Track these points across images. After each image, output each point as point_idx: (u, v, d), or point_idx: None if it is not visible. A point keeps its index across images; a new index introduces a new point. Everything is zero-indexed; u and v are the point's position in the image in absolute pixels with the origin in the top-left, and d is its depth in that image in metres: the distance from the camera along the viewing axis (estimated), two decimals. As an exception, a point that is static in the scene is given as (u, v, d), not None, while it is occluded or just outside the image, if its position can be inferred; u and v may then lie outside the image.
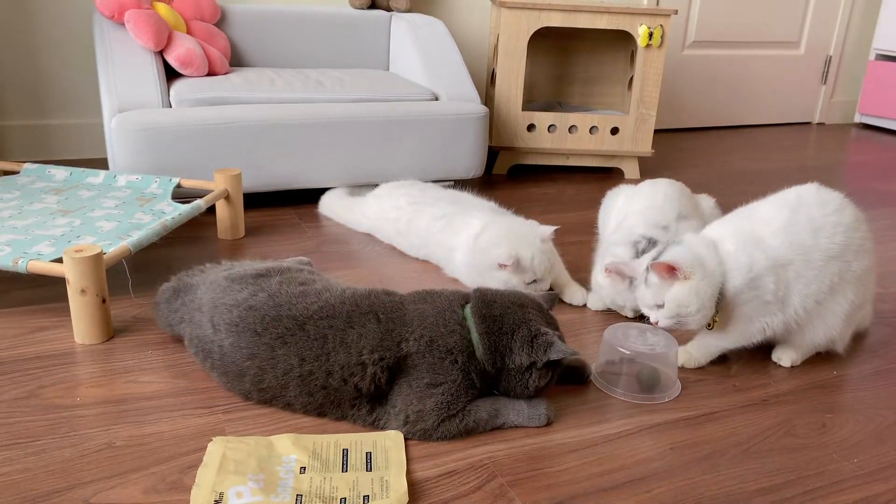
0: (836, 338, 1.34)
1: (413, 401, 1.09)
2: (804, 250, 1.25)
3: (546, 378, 1.13)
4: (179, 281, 1.34)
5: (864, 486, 1.05)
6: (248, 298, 1.17)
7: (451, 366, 1.10)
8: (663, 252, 1.29)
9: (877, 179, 2.81)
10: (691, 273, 1.23)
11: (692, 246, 1.28)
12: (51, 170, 1.90)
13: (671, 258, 1.25)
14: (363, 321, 1.12)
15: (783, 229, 1.27)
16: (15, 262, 1.34)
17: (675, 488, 1.03)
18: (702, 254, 1.26)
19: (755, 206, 1.35)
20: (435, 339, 1.10)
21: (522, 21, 2.43)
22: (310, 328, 1.12)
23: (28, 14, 2.40)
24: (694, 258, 1.25)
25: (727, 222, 1.35)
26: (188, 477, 1.00)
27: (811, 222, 1.27)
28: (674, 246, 1.29)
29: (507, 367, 1.11)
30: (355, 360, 1.09)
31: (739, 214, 1.35)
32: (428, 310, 1.13)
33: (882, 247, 2.06)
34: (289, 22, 2.52)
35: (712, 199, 1.77)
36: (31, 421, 1.10)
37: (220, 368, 1.17)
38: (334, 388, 1.10)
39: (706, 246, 1.28)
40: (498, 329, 1.11)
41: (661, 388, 1.25)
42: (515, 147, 2.57)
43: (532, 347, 1.11)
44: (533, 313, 1.14)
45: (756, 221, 1.30)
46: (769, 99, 3.76)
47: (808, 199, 1.29)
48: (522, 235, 1.52)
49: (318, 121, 2.04)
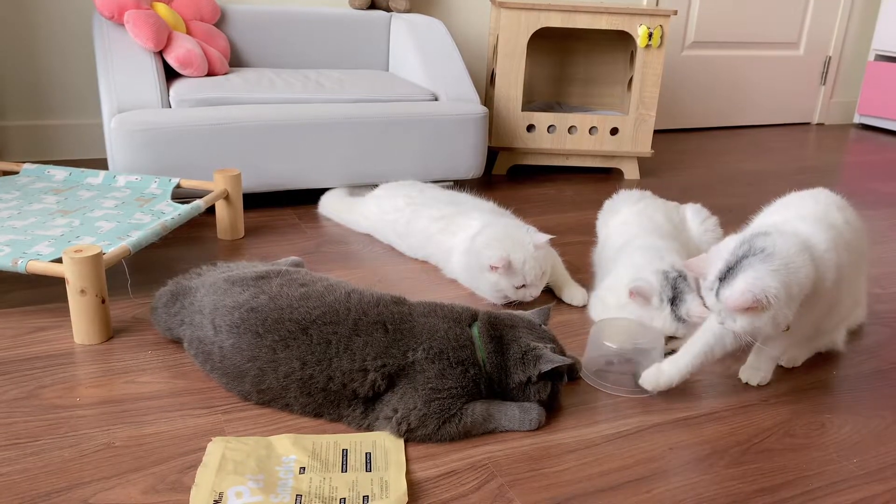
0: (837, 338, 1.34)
1: (418, 404, 1.08)
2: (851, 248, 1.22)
3: (546, 390, 1.14)
4: (177, 285, 1.34)
5: (863, 487, 1.05)
6: (249, 300, 1.18)
7: (462, 374, 1.11)
8: (739, 266, 1.08)
9: (876, 180, 2.81)
10: (770, 304, 1.05)
11: (783, 261, 1.06)
12: (50, 170, 1.90)
13: (751, 289, 1.05)
14: (371, 330, 1.13)
15: (842, 226, 1.20)
16: (14, 262, 1.34)
17: (675, 488, 1.03)
18: (792, 270, 1.06)
19: (795, 200, 1.27)
20: (445, 351, 1.12)
21: (522, 21, 2.43)
22: (313, 332, 1.12)
23: (28, 14, 2.40)
24: (780, 284, 1.05)
25: (809, 217, 1.18)
26: (187, 477, 1.00)
27: (847, 222, 1.24)
28: (758, 261, 1.06)
29: (510, 386, 1.14)
30: (358, 366, 1.10)
31: (800, 205, 1.23)
32: (438, 324, 1.15)
33: (882, 247, 2.06)
34: (288, 22, 2.52)
35: (697, 204, 1.76)
36: (30, 421, 1.10)
37: (221, 370, 1.17)
38: (333, 392, 1.10)
39: (799, 251, 1.08)
40: (500, 349, 1.14)
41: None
42: (515, 147, 2.57)
43: (524, 363, 1.13)
44: (523, 331, 1.16)
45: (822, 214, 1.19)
46: (768, 99, 3.76)
47: (829, 200, 1.27)
48: (516, 239, 1.52)
49: (317, 121, 2.04)
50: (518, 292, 1.52)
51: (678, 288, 1.36)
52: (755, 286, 1.05)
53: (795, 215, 1.20)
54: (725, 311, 1.10)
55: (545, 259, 1.53)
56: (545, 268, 1.53)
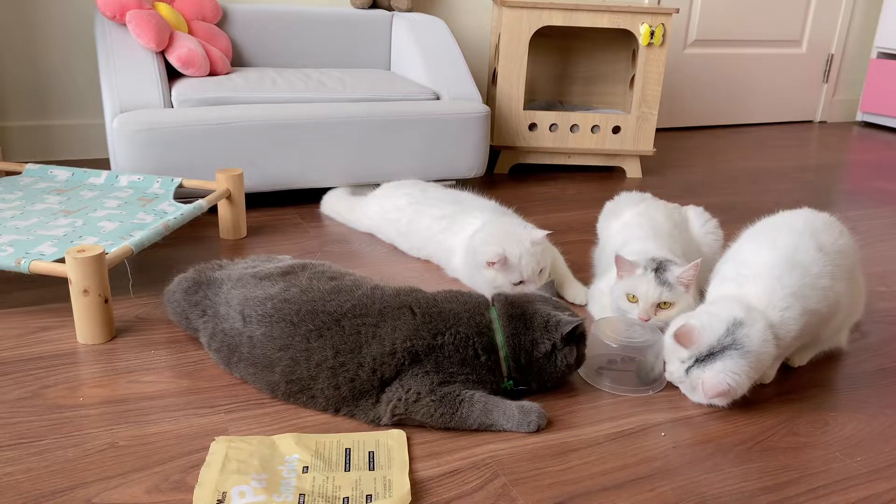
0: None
1: (434, 386, 1.11)
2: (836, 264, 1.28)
3: (573, 354, 1.19)
4: (200, 274, 1.34)
5: (867, 485, 1.05)
6: (280, 292, 1.20)
7: (479, 362, 1.15)
8: (715, 358, 1.16)
9: (879, 178, 2.80)
10: (735, 389, 1.15)
11: (756, 353, 1.16)
12: (53, 170, 1.90)
13: (726, 380, 1.14)
14: (397, 315, 1.16)
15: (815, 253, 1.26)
16: (17, 262, 1.34)
17: (678, 487, 1.03)
18: (760, 356, 1.16)
19: (766, 233, 1.32)
20: (470, 337, 1.16)
21: (524, 20, 2.43)
22: (345, 324, 1.15)
23: (29, 15, 2.40)
24: (749, 372, 1.15)
25: (751, 276, 1.25)
26: (191, 477, 1.00)
27: (831, 244, 1.29)
28: (738, 356, 1.16)
29: (536, 358, 1.18)
30: (388, 349, 1.12)
31: (757, 253, 1.28)
32: (460, 309, 1.19)
33: (885, 245, 2.05)
34: (290, 22, 2.52)
35: (699, 208, 1.75)
36: (33, 421, 1.11)
37: (249, 360, 1.18)
38: (362, 380, 1.12)
39: (766, 338, 1.17)
40: (523, 326, 1.18)
41: (662, 381, 1.27)
42: (517, 146, 2.56)
43: (547, 331, 1.18)
44: (539, 304, 1.22)
45: (783, 255, 1.25)
46: (771, 97, 3.75)
47: (807, 226, 1.31)
48: (512, 235, 1.52)
49: (319, 121, 2.05)
50: (515, 289, 1.51)
51: (663, 262, 1.39)
52: (729, 377, 1.15)
53: (766, 262, 1.25)
54: (692, 387, 1.20)
55: (543, 255, 1.53)
56: (543, 264, 1.53)
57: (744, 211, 1.40)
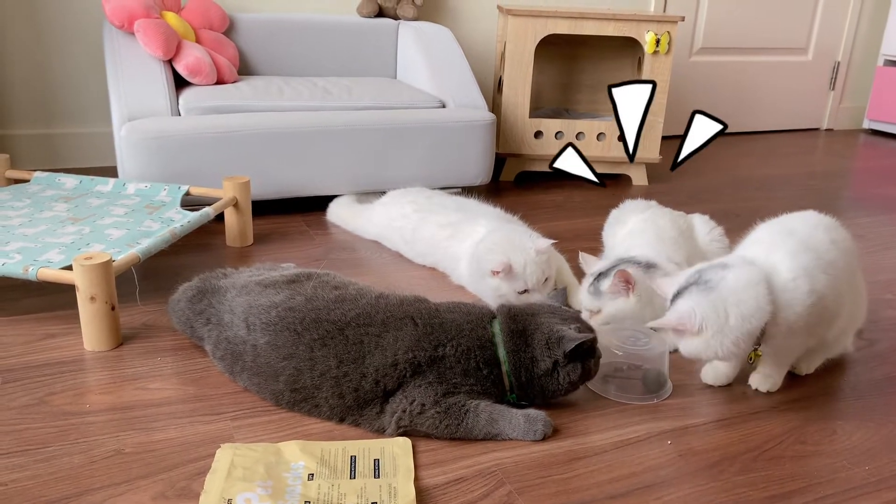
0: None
1: (438, 397, 1.10)
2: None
3: (576, 372, 1.15)
4: (205, 282, 1.34)
5: (875, 494, 1.05)
6: (285, 301, 1.20)
7: (481, 374, 1.13)
8: (677, 299, 1.18)
9: (885, 185, 2.79)
10: (701, 331, 1.14)
11: (722, 294, 1.14)
12: (61, 178, 1.91)
13: (680, 316, 1.15)
14: (399, 325, 1.15)
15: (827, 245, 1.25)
16: (25, 269, 1.35)
17: (685, 495, 1.02)
18: (732, 303, 1.13)
19: (784, 221, 1.31)
20: (472, 349, 1.14)
21: (529, 28, 2.44)
22: (349, 333, 1.14)
23: (38, 23, 2.42)
24: (713, 314, 1.13)
25: (779, 243, 1.23)
26: (197, 483, 1.00)
27: (833, 242, 1.27)
28: (698, 292, 1.15)
29: (537, 376, 1.15)
30: (390, 360, 1.11)
31: (780, 232, 1.27)
32: (462, 321, 1.17)
33: (891, 252, 2.04)
34: (297, 30, 2.53)
35: (705, 216, 1.75)
36: (40, 428, 1.11)
37: (253, 369, 1.18)
38: (365, 390, 1.11)
39: (748, 286, 1.14)
40: (524, 343, 1.15)
41: (667, 389, 1.27)
42: (523, 154, 2.57)
43: (548, 348, 1.14)
44: (545, 317, 1.18)
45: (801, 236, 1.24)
46: (777, 105, 3.75)
47: (814, 222, 1.30)
48: (517, 244, 1.52)
49: (325, 129, 2.05)
50: (520, 298, 1.51)
51: (615, 268, 1.40)
52: (685, 313, 1.14)
53: (770, 245, 1.24)
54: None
55: (548, 264, 1.53)
56: (548, 273, 1.53)
57: (750, 218, 1.40)
